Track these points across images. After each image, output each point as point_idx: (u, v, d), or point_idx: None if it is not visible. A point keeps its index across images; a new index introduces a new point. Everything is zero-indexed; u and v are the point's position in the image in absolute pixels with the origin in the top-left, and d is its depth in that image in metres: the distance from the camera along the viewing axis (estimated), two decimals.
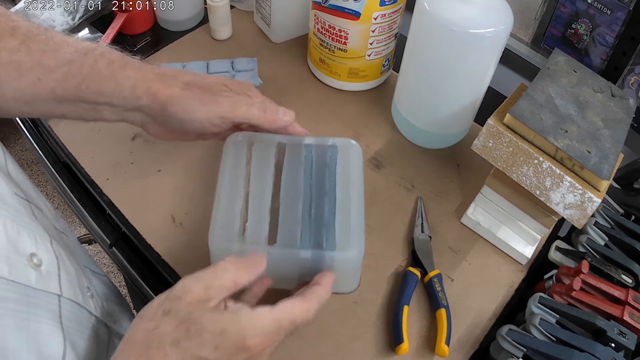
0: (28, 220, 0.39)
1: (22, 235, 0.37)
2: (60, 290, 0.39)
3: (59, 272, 0.40)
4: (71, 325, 0.40)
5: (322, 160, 0.51)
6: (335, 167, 0.51)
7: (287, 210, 0.48)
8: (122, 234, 0.61)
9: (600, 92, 0.56)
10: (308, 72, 0.76)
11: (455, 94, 0.60)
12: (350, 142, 0.53)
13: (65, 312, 0.39)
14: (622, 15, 0.64)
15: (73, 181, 0.66)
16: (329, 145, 0.52)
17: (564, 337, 0.45)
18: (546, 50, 0.75)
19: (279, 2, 0.74)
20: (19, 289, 0.35)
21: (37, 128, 0.71)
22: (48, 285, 0.38)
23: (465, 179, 0.66)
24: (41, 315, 0.36)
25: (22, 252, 0.36)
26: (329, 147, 0.52)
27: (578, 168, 0.49)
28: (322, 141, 0.53)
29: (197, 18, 0.82)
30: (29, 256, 0.37)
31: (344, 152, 0.52)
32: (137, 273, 0.59)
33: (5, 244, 0.34)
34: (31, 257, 0.37)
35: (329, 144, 0.53)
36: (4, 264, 0.34)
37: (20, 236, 0.36)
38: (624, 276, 0.51)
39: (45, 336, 0.36)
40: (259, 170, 0.50)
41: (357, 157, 0.52)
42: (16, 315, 0.34)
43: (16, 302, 0.34)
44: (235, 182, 0.49)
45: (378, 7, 0.63)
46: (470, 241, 0.60)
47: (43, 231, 0.40)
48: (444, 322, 0.51)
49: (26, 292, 0.35)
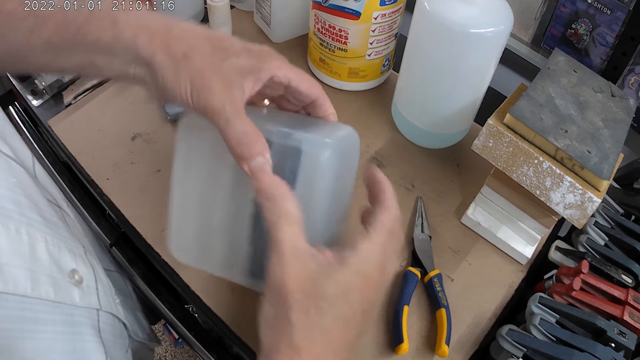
0: (65, 232, 0.38)
1: (62, 250, 0.36)
2: (99, 303, 0.39)
3: (97, 285, 0.39)
4: (108, 338, 0.39)
5: (280, 171, 0.37)
6: (295, 182, 0.38)
7: (235, 228, 0.41)
8: (122, 234, 0.61)
9: (600, 92, 0.56)
10: (308, 72, 0.76)
11: (455, 93, 0.60)
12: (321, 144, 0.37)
13: (103, 325, 0.39)
14: (622, 15, 0.64)
15: (73, 181, 0.66)
16: (289, 147, 0.38)
17: (564, 337, 0.45)
18: (546, 50, 0.75)
19: (279, 2, 0.74)
20: (65, 309, 0.34)
21: (37, 128, 0.71)
22: (89, 301, 0.37)
23: (465, 179, 0.66)
24: (85, 333, 0.36)
25: (64, 270, 0.35)
26: (289, 151, 0.38)
27: (578, 168, 0.49)
28: (283, 140, 0.38)
29: (197, 18, 0.82)
30: (71, 272, 0.36)
31: (310, 161, 0.38)
32: (137, 273, 0.59)
33: (48, 263, 0.34)
34: (72, 273, 0.36)
35: (290, 144, 0.38)
36: (49, 286, 0.33)
37: (61, 252, 0.36)
38: (624, 276, 0.51)
39: (89, 353, 0.35)
40: (212, 174, 0.42)
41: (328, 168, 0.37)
42: (64, 338, 0.33)
43: (64, 324, 0.34)
44: (187, 187, 0.42)
45: (378, 6, 0.63)
46: (470, 241, 0.60)
47: (77, 241, 0.39)
48: (444, 322, 0.51)
49: (71, 311, 0.35)
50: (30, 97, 0.70)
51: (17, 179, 0.35)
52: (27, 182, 0.37)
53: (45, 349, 0.32)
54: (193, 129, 0.41)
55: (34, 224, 0.34)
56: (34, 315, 0.31)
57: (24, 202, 0.34)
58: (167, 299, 0.58)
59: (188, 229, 0.43)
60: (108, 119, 0.67)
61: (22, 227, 0.32)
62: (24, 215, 0.34)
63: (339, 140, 0.39)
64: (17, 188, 0.34)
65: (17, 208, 0.33)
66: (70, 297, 0.35)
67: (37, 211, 0.35)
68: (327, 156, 0.37)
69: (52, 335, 0.32)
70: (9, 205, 0.32)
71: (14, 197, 0.34)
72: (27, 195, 0.35)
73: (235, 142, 0.35)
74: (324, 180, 0.38)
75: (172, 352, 1.44)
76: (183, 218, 0.43)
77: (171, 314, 0.58)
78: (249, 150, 0.34)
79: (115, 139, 0.66)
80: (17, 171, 0.37)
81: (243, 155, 0.35)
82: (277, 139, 0.38)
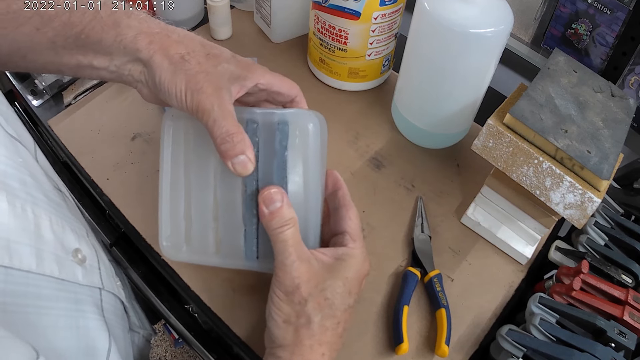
0: (67, 213, 0.39)
1: (66, 230, 0.37)
2: (102, 283, 0.40)
3: (99, 265, 0.41)
4: (111, 318, 0.41)
5: (269, 147, 0.42)
6: (286, 154, 0.41)
7: (228, 215, 0.43)
8: (122, 234, 0.61)
9: (600, 92, 0.56)
10: (308, 72, 0.76)
11: (455, 94, 0.60)
12: (306, 116, 0.42)
13: (106, 304, 0.40)
14: (622, 15, 0.64)
15: (73, 181, 0.66)
16: (276, 123, 0.41)
17: (564, 337, 0.45)
18: (546, 50, 0.75)
19: (279, 2, 0.74)
20: (68, 286, 0.35)
21: (37, 128, 0.71)
22: (92, 280, 0.38)
23: (465, 179, 0.66)
24: (88, 311, 0.37)
25: (67, 249, 0.36)
26: (277, 127, 0.41)
27: (578, 168, 0.49)
28: (269, 117, 0.42)
29: (197, 18, 0.82)
30: (74, 252, 0.37)
31: (298, 131, 0.42)
32: (137, 273, 0.59)
33: (53, 241, 0.35)
34: (76, 252, 0.37)
35: (276, 120, 0.41)
36: (54, 263, 0.34)
37: (65, 231, 0.37)
38: (624, 276, 0.51)
39: (93, 332, 0.36)
40: (199, 165, 0.44)
41: (315, 137, 0.42)
42: (67, 314, 0.34)
43: (67, 301, 0.35)
44: (175, 181, 0.44)
45: (378, 7, 0.63)
46: (470, 241, 0.60)
47: (79, 223, 0.41)
48: (444, 322, 0.51)
49: (74, 289, 0.36)
50: (30, 97, 0.70)
51: (22, 159, 0.36)
52: (31, 163, 0.38)
53: (49, 325, 0.32)
54: (178, 120, 0.44)
55: (39, 203, 0.35)
56: (38, 291, 0.32)
57: (30, 181, 0.35)
58: (167, 299, 0.58)
59: (179, 224, 0.44)
60: (108, 119, 0.67)
61: (27, 206, 0.33)
62: (30, 194, 0.34)
63: (317, 115, 0.43)
64: (22, 168, 0.35)
65: (23, 187, 0.34)
66: (74, 275, 0.36)
67: (42, 191, 0.36)
68: (314, 125, 0.42)
69: (55, 311, 0.33)
70: (15, 184, 0.33)
71: (20, 176, 0.34)
72: (32, 175, 0.36)
73: (220, 140, 0.38)
74: (314, 149, 0.42)
75: (172, 352, 1.44)
76: (172, 214, 0.45)
77: (171, 314, 0.58)
78: (232, 149, 0.38)
79: (115, 139, 0.66)
80: (22, 152, 0.37)
81: (227, 154, 0.39)
82: (264, 117, 0.42)
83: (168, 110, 0.45)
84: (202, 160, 0.44)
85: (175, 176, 0.45)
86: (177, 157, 0.44)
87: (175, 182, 0.44)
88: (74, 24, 0.40)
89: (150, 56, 0.39)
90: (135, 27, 0.40)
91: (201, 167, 0.44)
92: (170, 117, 0.44)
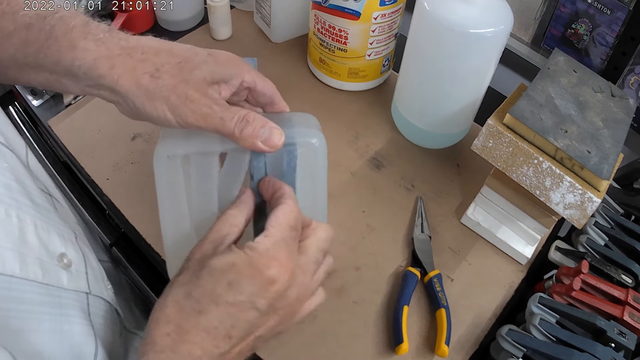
0: (55, 218, 0.39)
1: (52, 234, 0.36)
2: (89, 287, 0.39)
3: (86, 269, 0.40)
4: (99, 322, 0.40)
5: (277, 168, 0.40)
6: (294, 175, 0.40)
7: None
8: (122, 234, 0.61)
9: (600, 92, 0.56)
10: (308, 72, 0.76)
11: (455, 94, 0.60)
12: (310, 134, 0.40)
13: (93, 309, 0.40)
14: (622, 15, 0.64)
15: (73, 181, 0.66)
16: (285, 147, 0.39)
17: (564, 337, 0.45)
18: (546, 50, 0.75)
19: (279, 2, 0.74)
20: (52, 291, 0.35)
21: (37, 128, 0.71)
22: (78, 284, 0.38)
23: (465, 179, 0.66)
24: (73, 315, 0.36)
25: (52, 253, 0.36)
26: (284, 148, 0.39)
27: (578, 168, 0.49)
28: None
29: (197, 18, 0.82)
30: (59, 256, 0.36)
31: (305, 153, 0.40)
32: (137, 273, 0.59)
33: (37, 246, 0.34)
34: (61, 257, 0.37)
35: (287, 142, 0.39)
36: (37, 268, 0.33)
37: (51, 236, 0.36)
38: (624, 276, 0.51)
39: (78, 336, 0.36)
40: (202, 192, 0.41)
41: (323, 155, 0.41)
42: (51, 319, 0.34)
43: (51, 305, 0.34)
44: (176, 206, 0.42)
45: (378, 7, 0.63)
46: (470, 241, 0.60)
47: (68, 227, 0.40)
48: (444, 322, 0.51)
49: (59, 293, 0.35)
50: (30, 97, 0.70)
51: (8, 164, 0.36)
52: (18, 168, 0.38)
53: (32, 329, 0.32)
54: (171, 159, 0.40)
55: (23, 208, 0.35)
56: (21, 295, 0.32)
57: (15, 186, 0.35)
58: None
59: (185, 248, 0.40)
60: (108, 119, 0.67)
61: (11, 210, 0.33)
62: (14, 199, 0.34)
63: (317, 124, 0.42)
64: (7, 172, 0.35)
65: (8, 192, 0.34)
66: (58, 280, 0.35)
67: (28, 196, 0.36)
68: (319, 141, 0.40)
69: (39, 315, 0.33)
70: None
71: (5, 181, 0.34)
72: (17, 180, 0.36)
73: (237, 131, 0.36)
74: (323, 167, 0.41)
75: None
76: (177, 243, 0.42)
77: None
78: (253, 130, 0.36)
79: (115, 139, 0.66)
80: (8, 156, 0.37)
81: (253, 135, 0.36)
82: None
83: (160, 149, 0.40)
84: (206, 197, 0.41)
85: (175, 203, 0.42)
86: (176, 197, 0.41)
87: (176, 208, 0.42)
88: (30, 42, 0.37)
89: (116, 82, 0.37)
90: (92, 50, 0.37)
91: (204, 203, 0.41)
92: (165, 157, 0.40)
